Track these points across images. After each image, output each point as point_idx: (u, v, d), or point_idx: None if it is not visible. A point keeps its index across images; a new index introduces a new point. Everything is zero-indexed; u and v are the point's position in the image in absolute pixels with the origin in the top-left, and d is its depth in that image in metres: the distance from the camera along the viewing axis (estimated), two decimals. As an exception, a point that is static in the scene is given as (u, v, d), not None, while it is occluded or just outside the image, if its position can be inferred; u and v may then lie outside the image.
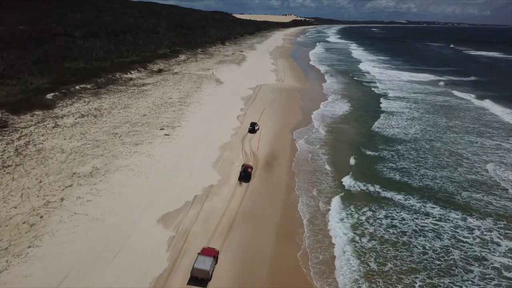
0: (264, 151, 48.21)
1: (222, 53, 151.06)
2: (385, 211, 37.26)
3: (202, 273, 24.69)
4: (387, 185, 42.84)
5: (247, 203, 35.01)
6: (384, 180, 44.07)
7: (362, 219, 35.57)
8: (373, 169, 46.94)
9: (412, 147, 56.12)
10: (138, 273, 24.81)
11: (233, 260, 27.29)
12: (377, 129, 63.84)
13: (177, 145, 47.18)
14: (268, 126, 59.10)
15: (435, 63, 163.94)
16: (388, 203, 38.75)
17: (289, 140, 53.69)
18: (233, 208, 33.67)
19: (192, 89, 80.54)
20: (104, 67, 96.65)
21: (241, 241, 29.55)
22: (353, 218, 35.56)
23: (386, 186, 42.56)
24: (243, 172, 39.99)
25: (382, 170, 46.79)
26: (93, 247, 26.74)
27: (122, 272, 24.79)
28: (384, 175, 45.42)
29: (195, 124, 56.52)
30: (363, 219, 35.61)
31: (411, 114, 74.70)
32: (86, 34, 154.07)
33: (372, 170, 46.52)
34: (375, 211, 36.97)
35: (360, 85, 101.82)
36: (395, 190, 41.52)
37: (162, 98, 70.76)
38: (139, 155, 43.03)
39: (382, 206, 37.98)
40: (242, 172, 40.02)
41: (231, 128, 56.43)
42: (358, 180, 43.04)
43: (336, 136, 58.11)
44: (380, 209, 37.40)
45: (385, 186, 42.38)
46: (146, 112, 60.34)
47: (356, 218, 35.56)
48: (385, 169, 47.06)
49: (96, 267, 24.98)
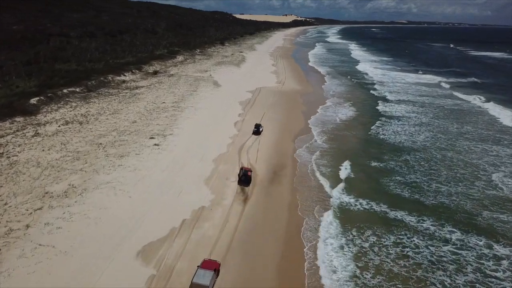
0: (263, 163, 43.50)
1: (221, 54, 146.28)
2: (393, 235, 32.33)
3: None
4: (395, 203, 37.89)
5: (243, 230, 30.27)
6: (391, 197, 39.11)
7: (366, 246, 30.59)
8: (378, 183, 42.05)
9: (422, 157, 51.35)
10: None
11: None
12: (381, 136, 59.10)
13: (167, 157, 42.50)
14: (268, 134, 54.40)
15: (440, 64, 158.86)
16: (397, 226, 33.79)
17: (290, 150, 48.97)
18: (226, 237, 28.92)
19: (187, 92, 75.83)
20: (97, 69, 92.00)
21: (234, 280, 24.90)
22: (355, 246, 30.56)
23: (394, 204, 37.60)
24: (243, 176, 37.75)
25: (389, 184, 41.96)
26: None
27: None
28: (391, 191, 40.52)
29: (188, 131, 51.84)
30: (367, 246, 30.61)
31: (419, 119, 69.95)
32: (82, 34, 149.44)
33: (378, 185, 41.62)
34: (382, 236, 32.00)
35: (363, 88, 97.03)
36: (405, 210, 36.56)
37: (155, 102, 66.06)
38: (123, 169, 38.36)
39: (390, 230, 33.07)
40: (242, 176, 37.76)
41: (227, 137, 51.73)
42: (361, 197, 38.17)
43: (340, 145, 53.35)
44: (388, 234, 32.46)
45: (393, 205, 37.42)
46: (136, 119, 55.65)
47: (358, 246, 30.57)
48: (392, 184, 42.18)
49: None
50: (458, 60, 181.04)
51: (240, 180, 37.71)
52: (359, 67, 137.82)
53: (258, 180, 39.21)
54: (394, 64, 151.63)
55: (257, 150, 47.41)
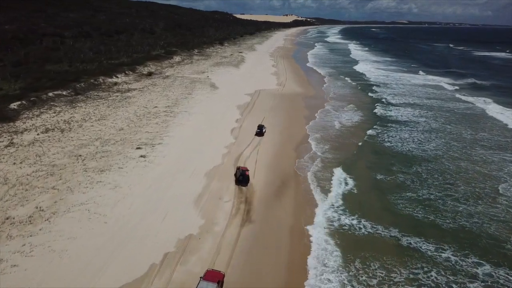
0: (262, 179, 38.60)
1: (219, 54, 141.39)
2: (407, 269, 27.18)
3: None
4: (407, 226, 32.77)
5: (236, 265, 25.39)
6: (402, 218, 34.08)
7: (373, 284, 25.53)
8: (386, 201, 37.09)
9: (434, 169, 46.43)
10: None
11: None
12: (387, 144, 54.24)
13: (153, 171, 37.69)
14: (267, 142, 49.59)
15: (444, 65, 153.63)
16: (411, 256, 28.63)
17: (291, 161, 44.09)
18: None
19: (182, 95, 71.01)
20: (88, 70, 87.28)
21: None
22: (360, 284, 25.40)
23: (405, 227, 32.46)
24: (240, 176, 36.60)
25: (398, 202, 36.97)
26: None
27: None
28: (401, 211, 35.48)
29: (180, 140, 47.03)
30: (374, 284, 25.57)
31: (428, 125, 65.06)
32: (77, 34, 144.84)
33: (385, 203, 36.66)
34: (392, 270, 26.87)
35: (366, 90, 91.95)
36: (420, 235, 31.42)
37: (146, 107, 61.25)
38: (102, 186, 33.58)
39: (402, 261, 27.92)
40: (240, 176, 36.62)
41: (223, 146, 46.91)
42: (365, 218, 33.21)
43: (342, 155, 48.32)
44: (400, 266, 27.31)
45: (404, 228, 32.29)
46: (124, 126, 50.85)
47: (364, 284, 25.38)
48: (402, 201, 37.20)
49: None
50: (462, 61, 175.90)
51: (238, 180, 36.46)
52: (361, 68, 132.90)
53: (255, 199, 34.36)
54: (397, 65, 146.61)
55: (255, 161, 42.59)
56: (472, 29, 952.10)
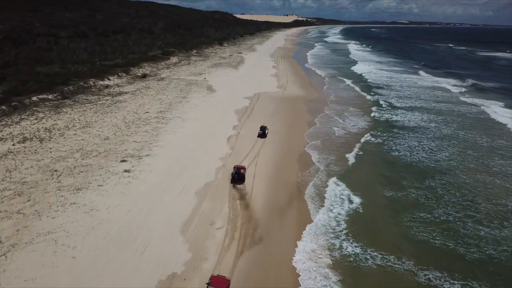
0: (260, 199, 33.89)
1: (218, 54, 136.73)
2: None
3: None
4: (424, 257, 27.78)
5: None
6: (417, 247, 29.12)
7: None
8: (396, 223, 32.21)
9: (450, 183, 41.66)
10: None
11: None
12: (395, 153, 49.49)
13: (137, 189, 33.12)
14: (267, 154, 44.91)
15: (450, 66, 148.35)
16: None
17: (294, 175, 39.38)
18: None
19: (177, 99, 66.39)
20: (80, 72, 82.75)
21: None
22: None
23: (422, 259, 27.46)
24: (235, 174, 36.22)
25: (412, 226, 32.02)
26: None
27: None
28: (416, 237, 30.52)
29: (170, 151, 42.44)
30: None
31: (439, 131, 60.37)
32: (73, 34, 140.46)
33: (396, 226, 31.78)
34: None
35: (369, 92, 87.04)
36: (440, 269, 26.49)
37: (137, 112, 56.67)
38: (76, 209, 29.01)
39: None
40: (235, 174, 36.26)
41: (217, 157, 42.28)
42: (373, 247, 28.23)
43: (350, 167, 43.68)
44: None
45: (421, 260, 27.27)
46: (110, 134, 46.26)
47: None
48: (416, 225, 32.24)
49: None
50: (467, 61, 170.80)
51: (233, 179, 36.21)
52: (362, 68, 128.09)
53: (252, 224, 29.74)
54: (401, 66, 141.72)
55: (253, 176, 37.96)
56: (473, 29, 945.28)
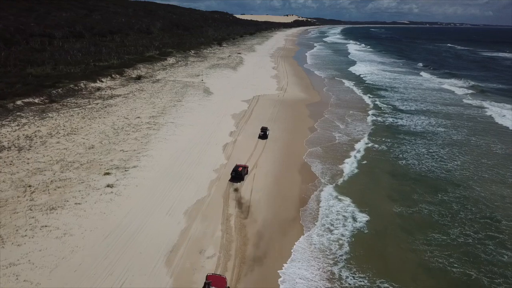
0: (259, 217, 30.21)
1: (217, 55, 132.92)
2: None
3: None
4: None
5: None
6: (434, 278, 25.05)
7: None
8: (409, 248, 28.11)
9: (465, 196, 37.63)
10: None
11: None
12: (402, 162, 45.57)
13: (120, 208, 29.36)
14: (265, 164, 41.12)
15: (455, 66, 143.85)
16: None
17: (296, 193, 35.49)
18: None
19: (171, 103, 62.63)
20: (72, 73, 79.11)
21: None
22: None
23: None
24: (233, 172, 36.40)
25: (426, 250, 27.89)
26: None
27: None
28: (432, 264, 26.38)
29: (160, 161, 38.68)
30: None
31: (448, 136, 56.56)
32: (68, 34, 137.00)
33: (409, 252, 27.70)
34: None
35: (374, 95, 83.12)
36: None
37: (128, 117, 52.93)
38: (47, 234, 25.25)
39: None
40: (233, 172, 36.40)
41: (211, 169, 38.48)
42: (382, 277, 24.35)
43: (355, 179, 39.91)
44: None
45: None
46: (95, 142, 42.50)
47: None
48: (431, 249, 28.08)
49: None
50: (472, 62, 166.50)
51: (232, 177, 36.36)
52: (365, 69, 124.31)
53: (249, 249, 25.94)
54: (404, 67, 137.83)
55: (251, 191, 34.17)
56: (474, 29, 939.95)
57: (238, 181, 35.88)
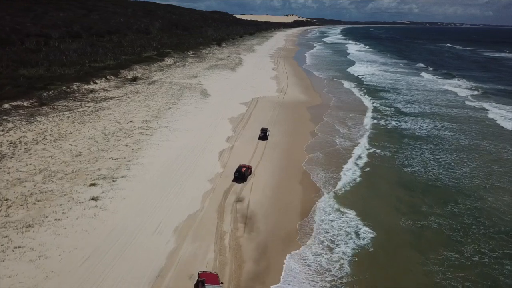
0: (255, 234, 27.54)
1: (216, 56, 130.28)
2: None
3: None
4: None
5: None
6: None
7: None
8: (419, 270, 25.51)
9: (476, 208, 35.01)
10: None
11: None
12: (408, 169, 42.93)
13: (104, 225, 26.74)
14: (264, 174, 38.42)
15: (459, 67, 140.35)
16: None
17: (296, 207, 32.81)
18: None
19: (166, 105, 60.03)
20: (65, 75, 76.57)
21: None
22: None
23: None
24: (236, 173, 36.09)
25: (438, 271, 25.36)
26: None
27: None
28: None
29: (151, 171, 36.08)
30: None
31: (456, 141, 53.82)
32: (65, 34, 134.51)
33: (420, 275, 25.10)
34: None
35: (376, 96, 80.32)
36: None
37: (120, 121, 50.33)
38: (20, 256, 22.62)
39: None
40: (236, 173, 36.11)
41: (206, 179, 35.84)
42: None
43: (358, 188, 37.28)
44: None
45: None
46: (83, 149, 39.90)
47: None
48: (443, 270, 25.55)
49: None
50: (475, 63, 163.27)
51: (234, 178, 36.07)
52: (366, 70, 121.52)
53: (245, 272, 23.34)
54: (406, 67, 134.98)
55: (247, 206, 31.49)
56: (474, 29, 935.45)
57: (241, 182, 35.49)
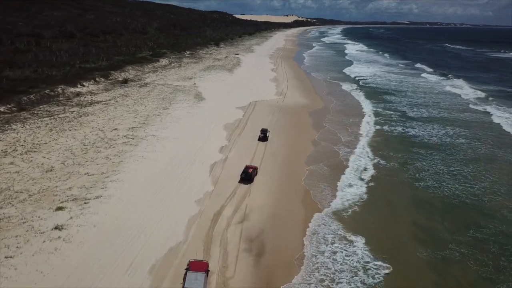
0: (247, 273, 22.80)
1: (213, 56, 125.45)
2: None
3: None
4: None
5: None
6: None
7: None
8: None
9: (503, 233, 30.28)
10: None
11: None
12: (420, 184, 38.22)
13: (64, 263, 21.97)
14: (259, 193, 33.54)
15: (465, 68, 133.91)
16: None
17: (295, 233, 28.06)
18: None
19: (156, 110, 55.27)
20: (52, 77, 71.90)
21: None
22: None
23: None
24: (243, 174, 35.09)
25: None
26: None
27: None
28: None
29: (131, 189, 31.30)
30: None
31: (471, 150, 48.92)
32: (58, 34, 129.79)
33: None
34: None
35: (380, 100, 75.32)
36: None
37: (103, 129, 45.55)
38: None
39: None
40: (243, 174, 35.10)
41: (193, 200, 30.96)
42: None
43: (368, 209, 32.53)
44: None
45: None
46: (57, 163, 35.13)
47: None
48: None
49: None
50: (481, 63, 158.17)
51: (241, 178, 35.09)
52: (368, 71, 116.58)
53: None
54: (409, 68, 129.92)
55: (240, 233, 26.74)
56: (474, 30, 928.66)
57: (248, 183, 34.46)
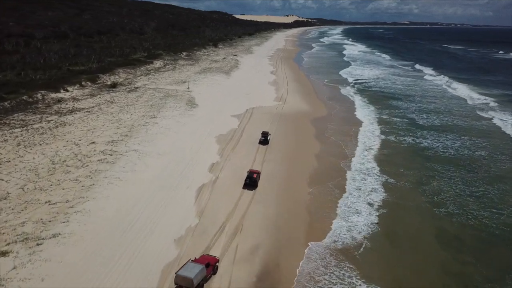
0: None
1: (210, 57, 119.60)
2: None
3: (186, 281, 19.53)
4: None
5: None
6: None
7: None
8: None
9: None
10: None
11: None
12: (441, 210, 33.28)
13: None
14: (253, 226, 27.84)
15: (471, 71, 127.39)
16: None
17: (295, 278, 22.54)
18: None
19: (142, 119, 49.54)
20: (35, 80, 66.33)
21: None
22: None
23: None
24: (247, 179, 33.07)
25: None
26: None
27: None
28: None
29: (98, 223, 25.58)
30: None
31: (493, 164, 43.72)
32: (50, 35, 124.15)
33: None
34: None
35: (386, 105, 69.52)
36: None
37: (79, 142, 39.82)
38: None
39: None
40: (247, 179, 33.08)
41: (171, 239, 25.04)
42: None
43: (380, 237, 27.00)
44: None
45: None
46: (15, 188, 29.39)
47: None
48: None
49: None
50: (486, 64, 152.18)
51: (245, 184, 32.99)
52: (372, 74, 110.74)
53: None
54: (414, 71, 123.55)
55: (229, 283, 21.11)
56: (475, 30, 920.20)
57: (253, 188, 32.71)
